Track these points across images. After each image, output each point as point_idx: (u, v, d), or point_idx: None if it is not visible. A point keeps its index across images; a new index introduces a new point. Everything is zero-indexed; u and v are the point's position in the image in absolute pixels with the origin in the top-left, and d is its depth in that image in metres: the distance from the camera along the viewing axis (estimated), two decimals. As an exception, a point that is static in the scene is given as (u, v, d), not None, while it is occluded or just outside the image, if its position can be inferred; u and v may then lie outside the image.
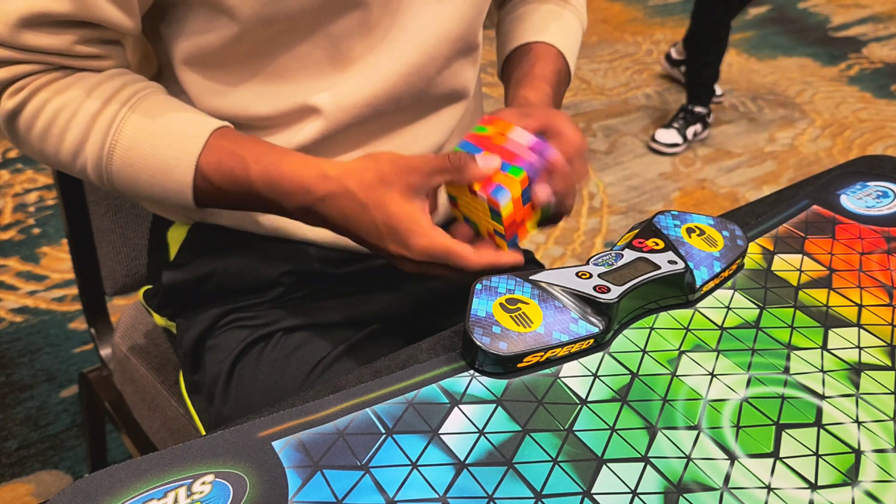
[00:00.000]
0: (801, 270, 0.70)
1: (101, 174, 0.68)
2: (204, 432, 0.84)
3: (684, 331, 0.63)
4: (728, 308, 0.65)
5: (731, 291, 0.67)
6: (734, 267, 0.69)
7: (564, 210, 0.71)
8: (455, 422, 0.53)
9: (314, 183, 0.65)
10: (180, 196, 0.68)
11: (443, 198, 0.77)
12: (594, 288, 0.61)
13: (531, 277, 0.62)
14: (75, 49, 0.65)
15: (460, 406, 0.54)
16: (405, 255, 0.64)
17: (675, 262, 0.64)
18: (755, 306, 0.66)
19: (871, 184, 0.83)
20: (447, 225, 0.70)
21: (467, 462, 0.50)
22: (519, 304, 0.59)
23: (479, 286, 0.60)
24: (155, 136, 0.67)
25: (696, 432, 0.54)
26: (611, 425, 0.54)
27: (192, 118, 0.69)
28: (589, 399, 0.56)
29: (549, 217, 0.71)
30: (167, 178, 0.68)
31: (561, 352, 0.58)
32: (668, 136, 2.50)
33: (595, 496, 0.49)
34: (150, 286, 0.88)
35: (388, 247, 0.65)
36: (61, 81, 0.66)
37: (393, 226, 0.63)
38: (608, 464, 0.51)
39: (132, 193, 0.70)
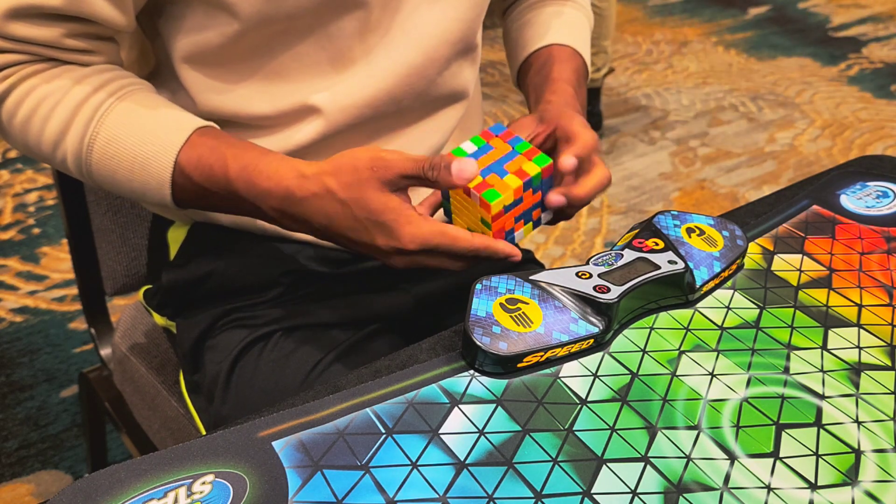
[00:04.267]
0: (801, 270, 0.70)
1: (80, 165, 0.68)
2: (204, 432, 0.84)
3: (684, 331, 0.63)
4: (728, 308, 0.65)
5: (731, 291, 0.67)
6: (734, 267, 0.69)
7: (565, 216, 0.71)
8: (455, 422, 0.53)
9: (293, 183, 0.63)
10: (158, 192, 0.67)
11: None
12: (594, 288, 0.61)
13: (531, 277, 0.62)
14: (64, 42, 0.65)
15: (460, 406, 0.54)
16: (395, 246, 0.62)
17: (675, 262, 0.64)
18: (755, 306, 0.66)
19: (871, 184, 0.83)
20: None
21: (467, 462, 0.50)
22: (519, 304, 0.59)
23: (479, 286, 0.60)
24: (137, 130, 0.66)
25: (695, 432, 0.54)
26: (611, 425, 0.54)
27: (177, 115, 0.68)
28: (589, 399, 0.56)
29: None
30: (146, 172, 0.67)
31: (561, 352, 0.58)
32: None
33: (595, 496, 0.49)
34: (149, 286, 0.88)
35: (376, 242, 0.62)
36: (48, 72, 0.66)
37: (378, 220, 0.61)
38: (608, 464, 0.51)
39: (111, 187, 0.69)
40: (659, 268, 0.63)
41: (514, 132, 0.72)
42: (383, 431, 0.52)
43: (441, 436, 0.52)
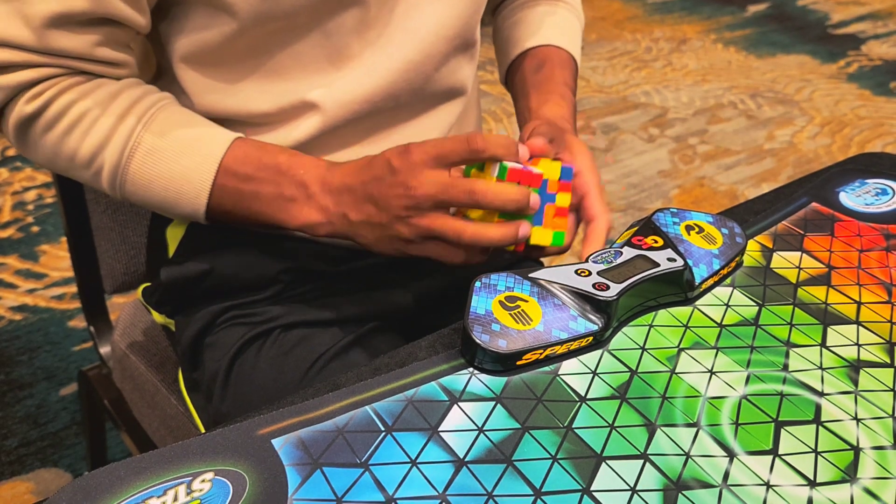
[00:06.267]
0: (800, 268, 0.70)
1: (115, 179, 0.69)
2: (203, 430, 0.84)
3: (683, 328, 0.63)
4: (727, 305, 0.65)
5: (731, 289, 0.67)
6: (733, 264, 0.69)
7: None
8: (454, 419, 0.53)
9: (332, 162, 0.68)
10: (194, 200, 0.69)
11: None
12: (593, 285, 0.61)
13: (530, 275, 0.62)
14: (96, 53, 0.66)
15: (460, 404, 0.54)
16: (407, 163, 0.63)
17: (675, 260, 0.64)
18: (754, 304, 0.66)
19: (870, 181, 0.83)
20: None
21: (467, 460, 0.50)
22: (518, 302, 0.59)
23: (478, 284, 0.60)
24: (179, 140, 0.68)
25: (695, 429, 0.54)
26: (610, 423, 0.54)
27: (216, 128, 0.71)
28: (588, 396, 0.56)
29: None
30: (185, 180, 0.69)
31: (560, 349, 0.58)
32: None
33: (594, 493, 0.49)
34: (148, 284, 0.88)
35: (392, 161, 0.64)
36: (83, 86, 0.68)
37: (394, 154, 0.64)
38: (607, 461, 0.51)
39: (142, 196, 0.71)
40: (658, 265, 0.63)
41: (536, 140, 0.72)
42: (383, 429, 0.52)
43: (440, 433, 0.52)
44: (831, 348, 0.62)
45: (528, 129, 0.74)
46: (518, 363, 0.57)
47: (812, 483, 0.51)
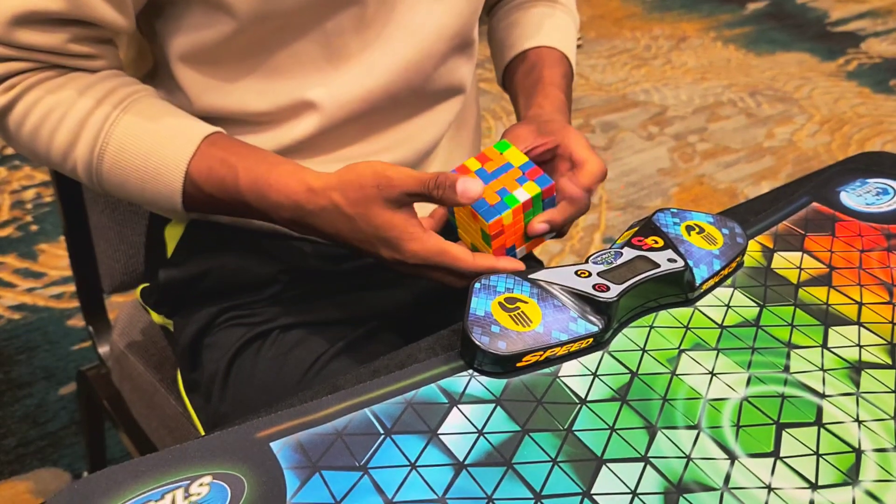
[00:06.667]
0: (800, 268, 0.70)
1: (90, 175, 0.69)
2: (202, 430, 0.84)
3: (684, 329, 0.62)
4: (728, 306, 0.65)
5: (731, 289, 0.67)
6: (734, 265, 0.68)
7: (560, 235, 0.72)
8: (454, 422, 0.53)
9: (302, 197, 0.65)
10: (169, 200, 0.69)
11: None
12: (593, 286, 0.60)
13: (530, 276, 0.62)
14: (68, 48, 0.65)
15: (459, 406, 0.54)
16: (399, 259, 0.64)
17: (675, 261, 0.64)
18: (755, 304, 0.66)
19: (871, 181, 0.83)
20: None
21: (466, 462, 0.50)
22: (518, 303, 0.59)
23: (477, 285, 0.60)
24: (146, 140, 0.67)
25: (695, 432, 0.54)
26: (610, 425, 0.54)
27: (184, 123, 0.69)
28: (588, 399, 0.56)
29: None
30: (157, 182, 0.68)
31: (560, 351, 0.58)
32: None
33: (595, 497, 0.49)
34: (147, 284, 0.87)
35: (381, 253, 0.65)
36: (54, 81, 0.66)
37: (383, 236, 0.63)
38: (608, 464, 0.51)
39: (122, 195, 0.71)
40: (658, 266, 0.63)
41: (513, 143, 0.72)
42: (382, 432, 0.52)
43: (440, 436, 0.52)
44: (832, 349, 0.62)
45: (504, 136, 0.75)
46: (518, 365, 0.57)
47: (813, 486, 0.51)
